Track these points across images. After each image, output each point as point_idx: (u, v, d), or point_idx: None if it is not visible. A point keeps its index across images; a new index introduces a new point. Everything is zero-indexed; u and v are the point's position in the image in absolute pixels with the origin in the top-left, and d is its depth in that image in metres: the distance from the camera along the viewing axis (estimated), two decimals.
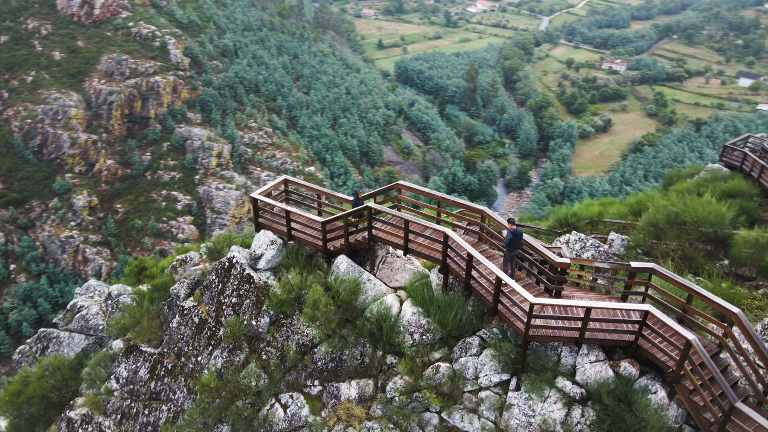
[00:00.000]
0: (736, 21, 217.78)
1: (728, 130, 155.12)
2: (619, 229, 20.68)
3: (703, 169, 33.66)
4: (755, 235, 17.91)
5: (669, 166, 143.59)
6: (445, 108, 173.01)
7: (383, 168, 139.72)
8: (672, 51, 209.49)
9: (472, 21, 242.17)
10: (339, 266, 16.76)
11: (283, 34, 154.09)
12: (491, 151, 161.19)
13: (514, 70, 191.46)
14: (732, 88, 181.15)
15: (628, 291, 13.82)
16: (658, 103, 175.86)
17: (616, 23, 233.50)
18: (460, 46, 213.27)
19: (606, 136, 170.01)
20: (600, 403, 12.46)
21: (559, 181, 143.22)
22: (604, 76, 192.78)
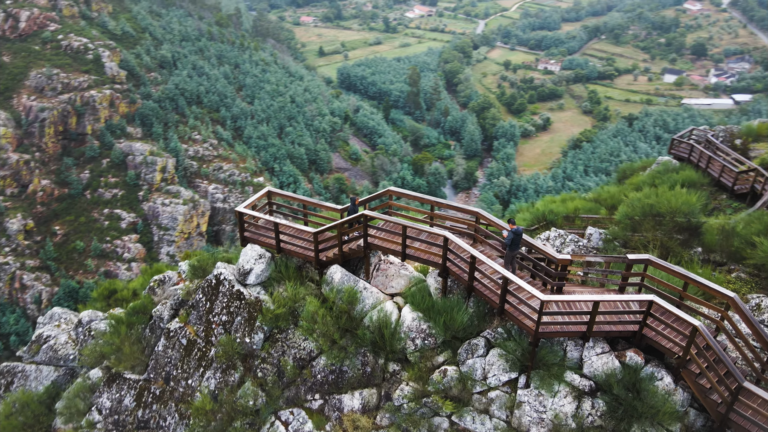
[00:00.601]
0: (657, 20, 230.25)
1: (658, 124, 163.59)
2: (594, 224, 21.43)
3: (655, 162, 35.35)
4: (721, 222, 18.96)
5: (607, 160, 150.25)
6: (389, 113, 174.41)
7: (332, 175, 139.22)
8: (601, 50, 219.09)
9: (411, 26, 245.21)
10: (333, 276, 16.56)
11: (223, 44, 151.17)
12: (438, 154, 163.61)
13: (455, 73, 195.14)
14: (658, 84, 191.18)
15: (626, 282, 14.34)
16: (592, 101, 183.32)
17: (548, 25, 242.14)
18: (400, 51, 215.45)
19: (546, 134, 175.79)
20: (609, 393, 12.86)
21: (505, 179, 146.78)
22: (540, 76, 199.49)
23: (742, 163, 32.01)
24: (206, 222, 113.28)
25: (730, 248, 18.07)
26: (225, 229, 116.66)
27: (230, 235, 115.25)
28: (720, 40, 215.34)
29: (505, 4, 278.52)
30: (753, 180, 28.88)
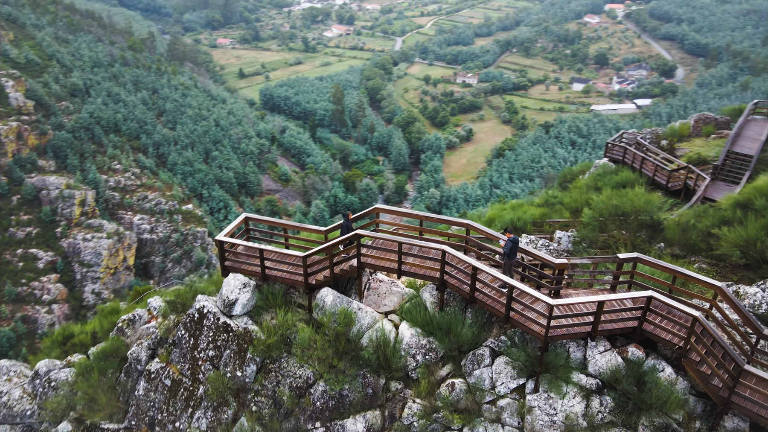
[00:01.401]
0: (562, 33, 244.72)
1: (571, 129, 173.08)
2: (561, 227, 22.32)
3: (593, 166, 37.37)
4: (676, 219, 20.31)
5: (529, 167, 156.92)
6: (316, 132, 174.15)
7: (263, 197, 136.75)
8: (514, 63, 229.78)
9: (330, 45, 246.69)
10: (325, 299, 16.23)
11: (139, 69, 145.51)
12: (367, 170, 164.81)
13: (378, 89, 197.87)
14: (568, 93, 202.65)
15: (617, 281, 15.02)
16: (510, 111, 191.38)
17: (463, 40, 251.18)
18: (322, 70, 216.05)
19: (470, 144, 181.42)
20: (615, 389, 13.36)
21: (435, 191, 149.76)
22: (459, 89, 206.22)
23: (671, 162, 34.56)
24: (133, 255, 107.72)
25: (689, 242, 19.36)
26: (154, 261, 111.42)
27: (160, 267, 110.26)
28: (619, 50, 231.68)
29: (420, 22, 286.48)
30: (685, 177, 31.23)
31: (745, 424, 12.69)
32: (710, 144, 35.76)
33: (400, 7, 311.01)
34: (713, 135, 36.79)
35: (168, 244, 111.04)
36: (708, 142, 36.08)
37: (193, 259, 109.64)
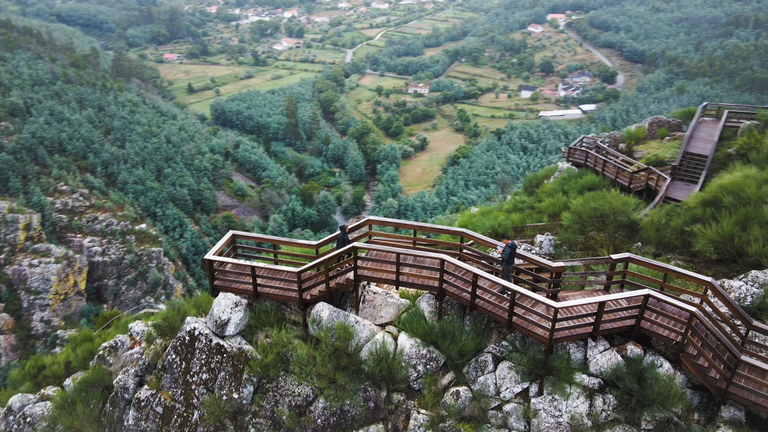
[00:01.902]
0: (508, 43, 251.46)
1: (522, 135, 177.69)
2: (540, 231, 22.81)
3: (557, 170, 38.41)
4: (649, 218, 21.09)
5: (484, 173, 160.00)
6: (270, 145, 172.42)
7: (219, 214, 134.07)
8: (463, 72, 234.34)
9: (281, 58, 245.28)
10: (321, 314, 16.00)
11: (83, 86, 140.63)
12: (324, 182, 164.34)
13: (331, 101, 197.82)
14: (517, 100, 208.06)
15: (610, 281, 15.44)
16: (462, 119, 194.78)
17: (412, 51, 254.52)
18: (273, 84, 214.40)
19: (424, 153, 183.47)
20: (617, 387, 13.69)
21: (393, 201, 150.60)
22: (411, 99, 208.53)
23: (630, 164, 35.95)
24: (85, 279, 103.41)
25: (663, 240, 20.13)
26: (107, 285, 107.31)
27: (114, 290, 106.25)
28: (562, 58, 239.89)
29: (369, 34, 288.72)
30: (646, 178, 32.52)
31: (741, 413, 13.24)
32: (665, 146, 37.39)
33: (349, 19, 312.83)
34: (667, 137, 38.49)
35: (121, 266, 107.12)
36: (663, 144, 37.72)
37: (148, 280, 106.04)
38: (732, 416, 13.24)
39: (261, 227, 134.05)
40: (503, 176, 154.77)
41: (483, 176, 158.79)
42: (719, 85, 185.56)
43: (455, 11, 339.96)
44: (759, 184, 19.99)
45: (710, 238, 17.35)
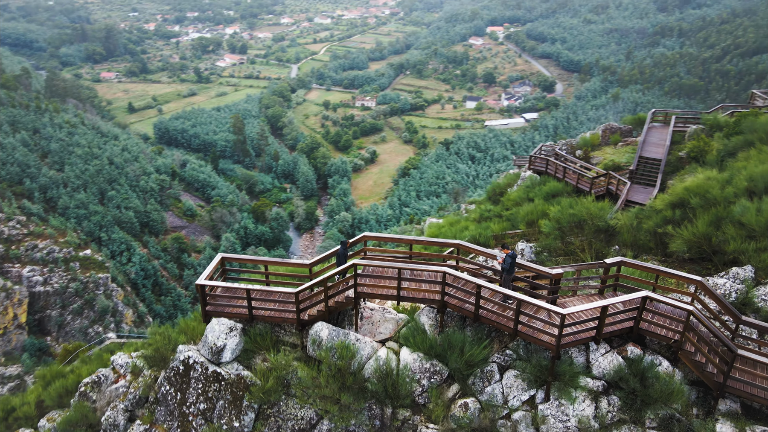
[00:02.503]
0: (451, 55, 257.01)
1: (470, 145, 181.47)
2: (521, 239, 23.27)
3: (519, 178, 39.38)
4: (624, 222, 21.91)
5: (435, 183, 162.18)
6: (218, 163, 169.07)
7: (169, 235, 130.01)
8: (409, 85, 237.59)
9: (224, 75, 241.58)
10: (320, 334, 15.72)
11: (15, 108, 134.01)
12: (275, 198, 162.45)
13: (278, 117, 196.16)
14: (462, 111, 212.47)
15: (604, 285, 15.89)
16: (410, 131, 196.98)
17: (357, 65, 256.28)
18: (218, 101, 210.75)
19: (375, 166, 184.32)
20: (620, 388, 14.08)
21: (346, 214, 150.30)
22: (359, 112, 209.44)
23: (588, 170, 37.32)
24: (25, 311, 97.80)
25: (638, 242, 20.96)
26: (51, 316, 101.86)
27: (58, 321, 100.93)
28: (503, 69, 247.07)
29: (313, 49, 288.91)
30: (607, 183, 33.81)
31: (736, 405, 13.87)
32: (619, 151, 39.06)
33: (292, 34, 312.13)
34: (620, 143, 40.23)
35: (66, 295, 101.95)
36: (617, 150, 39.39)
37: (96, 308, 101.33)
38: (728, 408, 13.85)
39: (213, 247, 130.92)
40: (454, 186, 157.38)
41: (434, 186, 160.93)
42: (650, 91, 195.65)
43: (397, 25, 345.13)
44: (721, 186, 21.14)
45: (687, 238, 18.20)
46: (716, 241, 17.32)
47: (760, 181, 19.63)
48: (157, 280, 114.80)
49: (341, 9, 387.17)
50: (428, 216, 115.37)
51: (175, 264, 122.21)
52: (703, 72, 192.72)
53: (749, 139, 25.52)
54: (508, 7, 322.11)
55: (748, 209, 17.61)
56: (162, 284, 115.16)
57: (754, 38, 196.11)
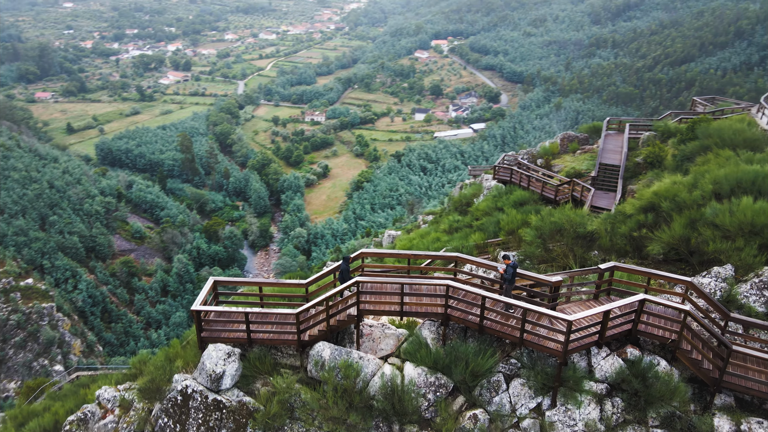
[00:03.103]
0: (398, 69, 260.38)
1: (421, 156, 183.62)
2: (503, 247, 23.67)
3: (484, 189, 40.11)
4: (600, 228, 22.66)
5: (388, 196, 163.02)
6: (166, 183, 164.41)
7: (117, 259, 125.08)
8: (357, 98, 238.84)
9: (169, 92, 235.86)
10: (322, 354, 15.46)
11: None
12: (227, 217, 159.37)
13: (227, 134, 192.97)
14: (412, 123, 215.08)
15: (599, 290, 16.35)
16: (361, 144, 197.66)
17: (305, 80, 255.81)
18: (163, 119, 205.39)
19: (327, 180, 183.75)
20: (622, 390, 14.48)
21: (301, 230, 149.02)
22: (309, 127, 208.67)
23: (551, 178, 38.45)
24: None
25: (615, 246, 21.72)
26: None
27: None
28: (450, 81, 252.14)
29: (259, 64, 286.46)
30: (571, 190, 34.90)
31: (730, 399, 14.53)
32: (578, 158, 40.47)
33: (237, 50, 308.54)
34: (578, 151, 41.69)
35: (7, 327, 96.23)
36: (576, 157, 40.79)
37: (40, 340, 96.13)
38: (723, 402, 14.48)
39: (165, 270, 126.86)
40: (408, 197, 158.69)
41: (388, 199, 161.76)
42: (590, 100, 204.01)
43: (343, 40, 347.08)
44: (688, 189, 22.22)
45: (665, 241, 19.00)
46: (695, 243, 18.17)
47: (724, 183, 20.77)
48: (106, 307, 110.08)
49: (286, 25, 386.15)
50: (385, 228, 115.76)
51: (125, 289, 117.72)
52: (637, 80, 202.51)
53: (705, 144, 27.01)
54: (451, 21, 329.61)
55: (720, 211, 18.59)
56: (112, 311, 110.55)
57: (681, 48, 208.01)
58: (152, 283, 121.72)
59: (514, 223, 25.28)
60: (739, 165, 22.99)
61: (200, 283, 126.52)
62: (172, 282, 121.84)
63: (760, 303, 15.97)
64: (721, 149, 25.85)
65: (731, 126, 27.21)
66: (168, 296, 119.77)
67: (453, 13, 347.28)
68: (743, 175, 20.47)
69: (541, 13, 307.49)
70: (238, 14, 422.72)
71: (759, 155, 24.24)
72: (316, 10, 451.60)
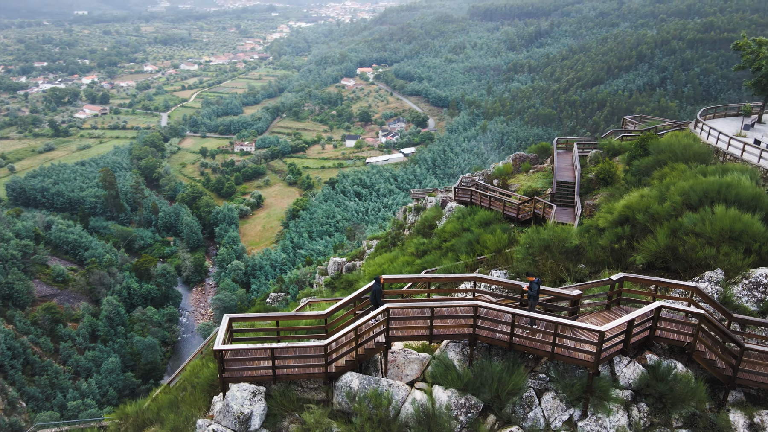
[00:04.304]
0: (325, 97, 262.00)
1: (355, 182, 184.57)
2: (493, 266, 24.18)
3: (447, 210, 40.90)
4: (582, 242, 23.74)
5: (326, 223, 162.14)
6: (89, 222, 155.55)
7: (38, 306, 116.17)
8: (287, 127, 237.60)
9: (86, 127, 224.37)
10: (351, 385, 15.10)
11: None
12: (158, 253, 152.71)
13: (153, 167, 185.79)
14: (343, 150, 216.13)
15: (611, 300, 17.04)
16: (293, 173, 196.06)
17: (232, 110, 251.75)
18: (81, 154, 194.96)
19: (262, 210, 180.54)
20: (645, 395, 15.11)
21: (238, 263, 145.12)
22: (239, 158, 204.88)
23: (510, 197, 39.85)
24: None
25: (599, 259, 22.81)
26: None
27: None
28: (377, 107, 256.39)
29: (183, 96, 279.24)
30: (533, 208, 36.26)
31: (741, 395, 15.51)
32: (532, 177, 42.24)
33: (158, 82, 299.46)
34: (531, 170, 43.53)
35: None
36: (530, 176, 42.55)
37: None
38: (735, 399, 15.43)
39: (92, 313, 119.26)
40: (345, 224, 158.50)
41: (326, 226, 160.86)
42: (513, 122, 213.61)
43: (268, 69, 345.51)
44: (657, 201, 23.75)
45: (652, 250, 20.17)
46: (683, 251, 19.41)
47: (692, 195, 22.39)
48: (27, 359, 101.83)
49: (208, 55, 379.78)
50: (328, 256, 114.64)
51: (49, 337, 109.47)
52: (554, 102, 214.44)
53: (660, 158, 29.05)
54: (374, 49, 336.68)
55: (698, 220, 20.02)
56: (34, 362, 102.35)
57: (591, 71, 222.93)
58: (79, 328, 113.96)
59: (502, 242, 25.97)
60: (697, 177, 24.86)
61: (132, 325, 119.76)
62: (101, 326, 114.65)
63: (752, 303, 17.25)
64: (675, 163, 27.85)
65: (680, 142, 29.44)
66: (98, 341, 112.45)
67: (376, 41, 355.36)
68: (709, 186, 22.17)
69: (460, 40, 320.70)
70: (157, 45, 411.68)
71: (711, 167, 26.34)
72: (238, 41, 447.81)
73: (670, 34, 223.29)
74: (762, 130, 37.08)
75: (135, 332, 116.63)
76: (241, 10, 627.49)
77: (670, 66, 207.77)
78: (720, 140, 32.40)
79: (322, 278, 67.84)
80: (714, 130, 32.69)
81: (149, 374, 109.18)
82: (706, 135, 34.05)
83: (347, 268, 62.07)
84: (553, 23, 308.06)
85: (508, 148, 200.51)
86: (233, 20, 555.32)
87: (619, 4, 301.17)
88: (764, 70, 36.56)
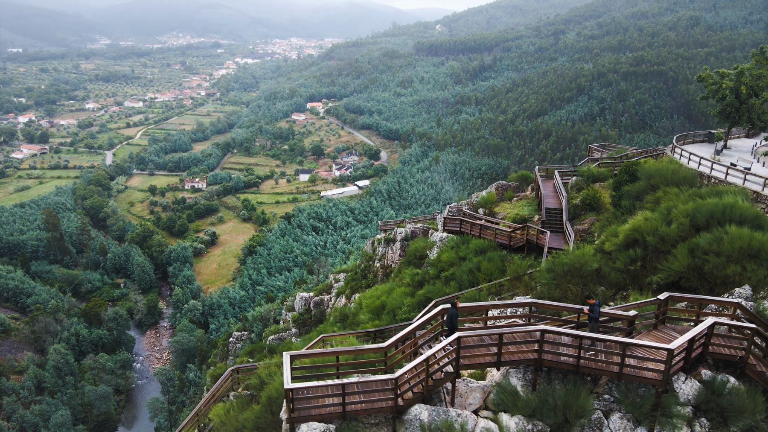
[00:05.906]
0: (276, 131, 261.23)
1: (311, 216, 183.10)
2: (509, 290, 24.47)
3: (438, 240, 41.21)
4: (601, 265, 24.46)
5: (285, 258, 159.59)
6: (30, 266, 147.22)
7: None
8: (238, 163, 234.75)
9: (24, 167, 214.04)
10: (420, 417, 14.77)
11: None
12: (108, 296, 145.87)
13: (99, 207, 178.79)
14: (297, 184, 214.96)
15: (659, 319, 17.53)
16: (247, 209, 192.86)
17: (180, 147, 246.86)
18: (20, 196, 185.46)
19: (216, 248, 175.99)
20: (705, 411, 15.53)
21: (195, 302, 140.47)
22: (190, 195, 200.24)
23: (497, 224, 40.63)
24: None
25: (617, 280, 23.55)
26: None
27: None
28: (329, 141, 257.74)
29: (128, 133, 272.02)
30: (526, 235, 37.08)
31: None
32: (517, 205, 43.30)
33: (101, 120, 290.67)
34: (515, 198, 44.65)
35: None
36: (515, 204, 43.61)
37: None
38: None
39: (38, 363, 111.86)
40: (305, 258, 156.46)
41: (284, 261, 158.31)
42: (464, 152, 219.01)
43: (216, 105, 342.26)
44: (663, 224, 24.86)
45: (675, 270, 21.01)
46: (707, 269, 20.32)
47: (699, 216, 23.59)
48: None
49: (153, 92, 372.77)
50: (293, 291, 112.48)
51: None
52: (502, 133, 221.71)
53: (653, 183, 30.50)
54: (323, 84, 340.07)
55: (716, 239, 21.06)
56: None
57: (535, 103, 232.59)
58: (24, 381, 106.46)
59: (522, 269, 26.36)
60: (696, 200, 26.22)
61: (82, 374, 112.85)
62: (48, 377, 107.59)
63: None
64: (667, 187, 29.31)
65: (667, 167, 31.07)
66: (45, 394, 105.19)
67: (324, 76, 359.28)
68: (713, 208, 23.42)
69: (408, 75, 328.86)
70: (98, 83, 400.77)
71: (704, 190, 27.86)
72: (184, 77, 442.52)
73: (605, 68, 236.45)
74: (730, 154, 39.77)
75: (86, 381, 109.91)
76: (185, 46, 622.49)
77: (608, 97, 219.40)
78: (702, 165, 34.41)
79: (290, 314, 66.37)
80: (695, 155, 34.71)
81: (102, 426, 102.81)
82: (686, 160, 36.08)
83: (315, 303, 61.01)
84: (496, 58, 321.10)
85: (461, 178, 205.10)
86: (178, 57, 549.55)
87: (556, 40, 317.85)
88: (728, 99, 39.40)
